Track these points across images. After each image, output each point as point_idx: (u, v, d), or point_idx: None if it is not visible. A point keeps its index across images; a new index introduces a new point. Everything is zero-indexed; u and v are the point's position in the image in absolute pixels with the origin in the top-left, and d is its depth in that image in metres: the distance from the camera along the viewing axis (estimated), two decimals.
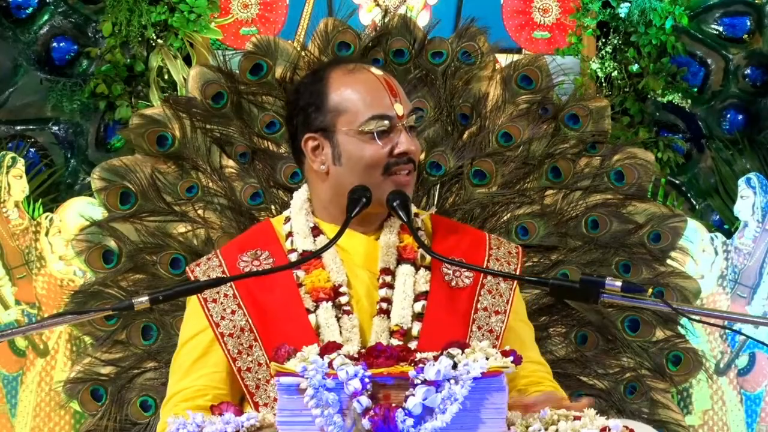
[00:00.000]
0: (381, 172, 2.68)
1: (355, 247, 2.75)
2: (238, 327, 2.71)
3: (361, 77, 2.72)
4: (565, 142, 3.32)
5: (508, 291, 2.78)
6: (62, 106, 6.49)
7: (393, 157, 2.68)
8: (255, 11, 6.72)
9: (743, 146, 6.63)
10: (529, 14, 6.83)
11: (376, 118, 2.68)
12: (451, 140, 3.30)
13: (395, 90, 2.72)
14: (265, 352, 2.69)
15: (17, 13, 6.58)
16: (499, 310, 2.76)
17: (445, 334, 2.61)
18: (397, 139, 2.68)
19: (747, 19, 6.91)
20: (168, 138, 3.28)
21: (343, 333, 2.67)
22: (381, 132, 2.68)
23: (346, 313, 2.69)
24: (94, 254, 3.25)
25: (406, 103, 2.72)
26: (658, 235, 3.31)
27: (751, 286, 5.68)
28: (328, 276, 2.71)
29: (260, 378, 2.69)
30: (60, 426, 5.49)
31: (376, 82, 2.71)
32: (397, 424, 2.22)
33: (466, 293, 2.75)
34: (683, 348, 3.31)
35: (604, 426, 2.30)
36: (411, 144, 2.69)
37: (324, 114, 2.71)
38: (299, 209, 2.78)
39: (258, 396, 2.69)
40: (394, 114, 2.69)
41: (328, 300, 2.69)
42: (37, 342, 5.49)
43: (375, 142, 2.67)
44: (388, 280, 2.72)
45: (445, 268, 2.75)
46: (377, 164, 2.68)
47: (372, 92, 2.70)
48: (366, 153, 2.68)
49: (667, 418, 3.29)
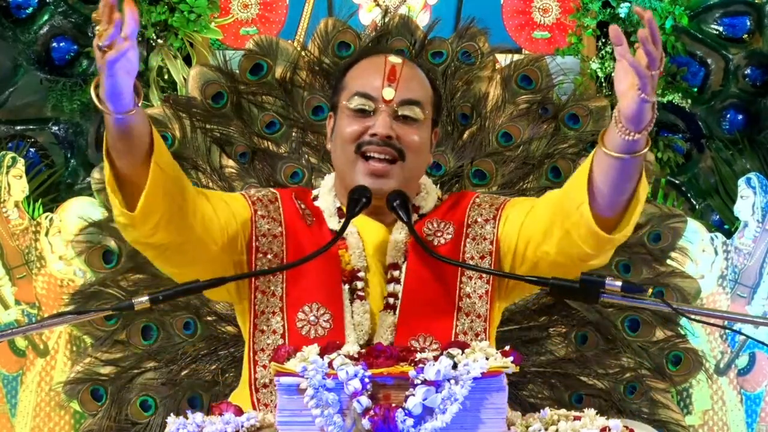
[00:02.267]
0: (354, 149, 2.70)
1: (370, 237, 2.76)
2: (273, 242, 2.72)
3: (373, 60, 2.78)
4: (565, 142, 3.32)
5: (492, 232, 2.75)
6: (62, 106, 6.49)
7: (367, 136, 2.69)
8: (255, 11, 6.72)
9: (743, 146, 6.63)
10: (529, 14, 6.83)
11: (359, 95, 2.71)
12: (451, 140, 3.30)
13: (395, 76, 2.72)
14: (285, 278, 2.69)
15: (17, 13, 6.58)
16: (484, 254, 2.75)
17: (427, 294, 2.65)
18: (375, 121, 2.70)
19: (747, 19, 6.91)
20: (168, 138, 3.28)
21: (354, 317, 2.70)
22: (362, 110, 2.71)
23: (359, 298, 2.71)
24: (94, 254, 3.25)
25: (403, 91, 2.72)
26: (658, 235, 3.31)
27: (751, 286, 5.68)
28: (350, 259, 2.73)
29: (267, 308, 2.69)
30: (60, 426, 5.49)
31: (379, 64, 2.74)
32: (397, 424, 2.23)
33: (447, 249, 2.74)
34: (683, 348, 3.31)
35: (604, 426, 2.30)
36: (385, 128, 2.68)
37: (336, 92, 2.80)
38: (328, 191, 2.81)
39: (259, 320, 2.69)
40: (378, 95, 2.70)
41: (346, 282, 2.72)
42: (37, 342, 5.49)
43: (355, 119, 2.71)
44: (396, 275, 2.73)
45: (426, 229, 2.74)
46: (351, 140, 2.70)
47: (368, 72, 2.74)
48: (346, 128, 2.72)
49: (667, 418, 3.29)
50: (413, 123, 2.73)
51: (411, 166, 2.72)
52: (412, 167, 2.73)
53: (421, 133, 2.73)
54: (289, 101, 3.30)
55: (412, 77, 2.76)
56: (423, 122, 2.74)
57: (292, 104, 3.30)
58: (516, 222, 2.71)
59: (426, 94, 2.77)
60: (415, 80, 2.76)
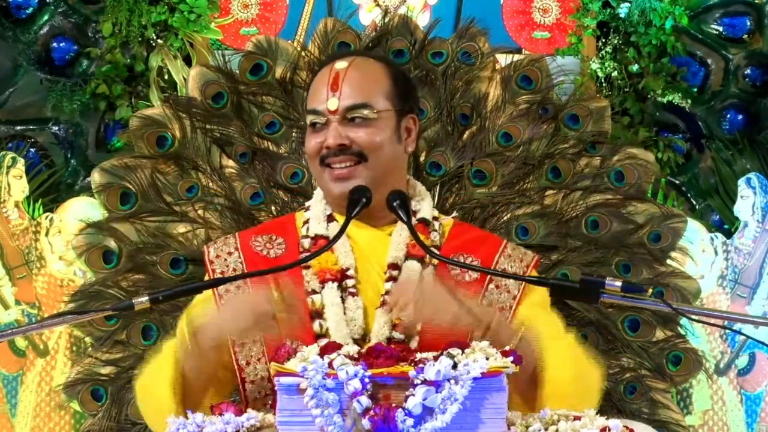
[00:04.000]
0: (318, 163, 2.77)
1: (364, 239, 2.79)
2: None
3: (321, 72, 2.83)
4: (565, 142, 3.31)
5: (516, 287, 2.78)
6: (62, 106, 6.49)
7: (324, 149, 2.76)
8: (255, 11, 6.72)
9: (743, 146, 6.63)
10: (529, 14, 6.84)
11: (310, 112, 2.80)
12: (451, 140, 3.30)
13: (338, 84, 2.76)
14: None
15: (17, 13, 6.59)
16: (504, 306, 2.77)
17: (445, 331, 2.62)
18: (327, 133, 2.75)
19: (747, 19, 6.91)
20: (168, 138, 3.27)
21: (347, 313, 2.71)
22: (316, 124, 2.78)
23: (351, 295, 2.73)
24: (94, 254, 3.25)
25: (347, 98, 2.75)
26: (658, 236, 3.31)
27: (751, 286, 5.68)
28: (336, 259, 2.75)
29: (252, 355, 2.74)
30: (60, 426, 5.49)
31: (325, 76, 2.79)
32: (397, 424, 2.23)
33: (472, 287, 2.76)
34: (683, 348, 3.31)
35: (604, 426, 2.30)
36: (335, 138, 2.73)
37: None
38: (320, 199, 2.86)
39: (246, 373, 2.74)
40: (324, 108, 2.76)
41: (335, 281, 2.73)
42: (37, 342, 5.49)
43: (313, 134, 2.79)
44: (395, 274, 2.75)
45: (453, 269, 2.76)
46: (314, 155, 2.78)
47: (316, 87, 2.81)
48: (307, 144, 2.81)
49: (667, 418, 3.29)
50: (366, 122, 2.76)
51: (375, 163, 2.75)
52: (377, 164, 2.76)
53: (376, 131, 2.75)
54: (289, 101, 3.30)
55: (358, 78, 2.77)
56: (378, 120, 2.76)
57: (292, 104, 3.30)
58: None
59: (377, 90, 2.78)
60: (362, 80, 2.77)
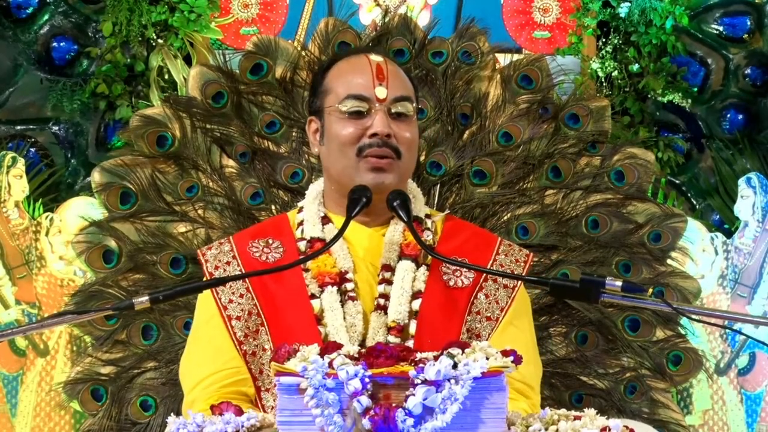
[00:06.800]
0: (355, 152, 2.71)
1: (358, 240, 2.78)
2: (246, 310, 2.74)
3: (354, 60, 2.78)
4: (565, 141, 3.31)
5: (506, 298, 2.78)
6: (62, 106, 6.49)
7: (367, 138, 2.70)
8: (255, 11, 6.72)
9: (743, 146, 6.63)
10: (529, 14, 6.84)
11: (352, 98, 2.72)
12: (451, 140, 3.30)
13: (384, 74, 2.73)
14: (270, 337, 2.72)
15: (17, 13, 6.59)
16: (491, 316, 2.76)
17: (438, 333, 2.63)
18: (372, 121, 2.70)
19: (747, 19, 6.91)
20: (168, 138, 3.28)
21: (347, 318, 2.70)
22: (357, 112, 2.72)
23: (351, 299, 2.72)
24: (94, 254, 3.25)
25: (394, 89, 2.73)
26: (658, 235, 3.31)
27: (751, 286, 5.68)
28: (335, 262, 2.74)
29: (264, 363, 2.72)
30: (60, 426, 5.49)
31: (365, 64, 2.75)
32: (398, 423, 2.22)
33: (464, 294, 2.75)
34: (683, 348, 3.31)
35: (604, 426, 2.30)
36: (385, 126, 2.69)
37: (317, 96, 2.79)
38: (312, 199, 2.84)
39: (261, 381, 2.71)
40: (372, 95, 2.71)
41: (334, 284, 2.72)
42: (37, 342, 5.49)
43: (350, 122, 2.71)
44: (388, 276, 2.74)
45: (445, 268, 2.76)
46: (350, 143, 2.71)
47: (356, 73, 2.75)
48: (342, 132, 2.72)
49: (667, 418, 3.29)
50: (405, 119, 2.75)
51: (406, 162, 2.75)
52: (407, 164, 2.76)
53: (412, 129, 2.76)
54: (290, 101, 3.30)
55: (398, 72, 2.79)
56: (413, 117, 2.77)
57: (293, 104, 3.30)
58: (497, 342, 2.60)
59: (411, 88, 2.81)
60: (400, 76, 2.79)
